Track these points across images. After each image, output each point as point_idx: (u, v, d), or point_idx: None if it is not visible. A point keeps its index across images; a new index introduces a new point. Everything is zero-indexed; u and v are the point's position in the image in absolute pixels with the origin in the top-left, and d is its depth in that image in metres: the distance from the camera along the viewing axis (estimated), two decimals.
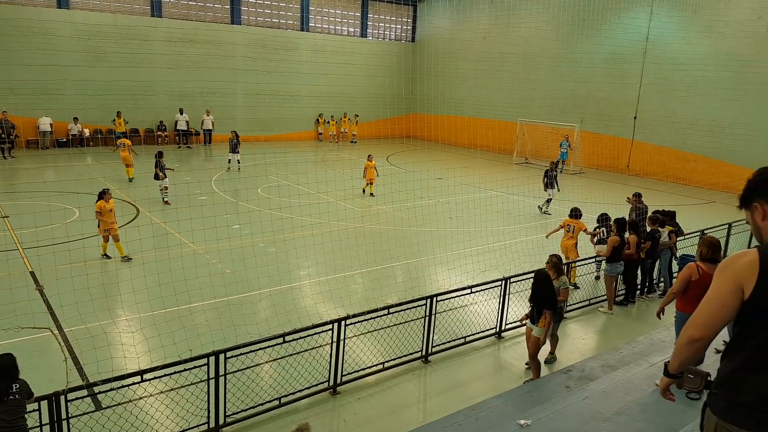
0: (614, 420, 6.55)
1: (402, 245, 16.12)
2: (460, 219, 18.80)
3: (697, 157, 28.18)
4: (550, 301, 8.68)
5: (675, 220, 14.10)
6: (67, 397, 6.38)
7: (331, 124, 40.55)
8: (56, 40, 29.92)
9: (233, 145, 26.51)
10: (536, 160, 33.11)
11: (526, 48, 35.88)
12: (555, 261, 9.51)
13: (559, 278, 9.37)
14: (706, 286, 4.91)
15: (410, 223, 18.61)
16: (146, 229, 15.22)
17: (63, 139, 31.17)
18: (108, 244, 13.88)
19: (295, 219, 17.67)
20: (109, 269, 13.44)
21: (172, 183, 19.83)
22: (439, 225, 18.19)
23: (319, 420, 8.01)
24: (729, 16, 26.37)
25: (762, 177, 2.91)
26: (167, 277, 11.53)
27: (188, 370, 7.18)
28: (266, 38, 37.53)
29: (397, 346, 9.57)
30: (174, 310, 10.87)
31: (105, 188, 14.11)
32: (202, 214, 14.48)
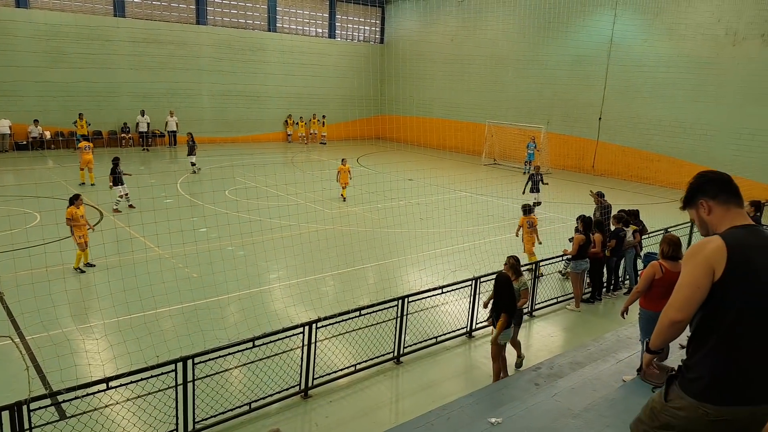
0: (583, 416, 6.59)
1: (373, 247, 16.08)
2: (431, 220, 18.83)
3: (660, 157, 28.71)
4: (506, 304, 8.61)
5: (638, 218, 14.31)
6: (29, 406, 6.19)
7: (300, 125, 40.33)
8: (15, 41, 29.22)
9: (190, 148, 26.21)
10: (505, 161, 33.40)
11: (494, 50, 36.17)
12: (512, 262, 9.43)
13: (518, 279, 9.29)
14: (669, 284, 4.97)
15: (381, 225, 18.58)
16: (110, 233, 14.94)
17: (23, 142, 30.48)
18: (81, 254, 13.46)
19: (264, 221, 17.50)
20: (72, 275, 13.14)
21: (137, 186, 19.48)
22: (410, 226, 18.19)
23: (291, 424, 7.92)
24: (689, 19, 26.94)
25: (705, 178, 3.37)
26: (132, 282, 11.30)
27: (155, 376, 7.04)
28: (233, 39, 37.17)
29: (369, 347, 9.52)
30: (140, 316, 10.66)
31: (76, 193, 13.76)
32: (167, 217, 14.25)
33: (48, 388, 8.05)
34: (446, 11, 39.21)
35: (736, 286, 3.05)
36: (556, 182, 27.53)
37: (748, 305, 3.06)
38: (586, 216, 12.70)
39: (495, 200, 21.92)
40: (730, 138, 26.20)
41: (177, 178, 24.82)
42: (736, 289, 3.06)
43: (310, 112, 40.83)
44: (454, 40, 38.80)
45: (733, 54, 25.77)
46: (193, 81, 35.63)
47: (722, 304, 3.11)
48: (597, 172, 31.12)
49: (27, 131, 30.53)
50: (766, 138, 25.08)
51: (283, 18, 39.86)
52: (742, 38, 25.48)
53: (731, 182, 3.34)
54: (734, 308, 3.08)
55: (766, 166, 24.94)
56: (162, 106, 34.34)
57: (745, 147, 25.71)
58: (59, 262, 12.68)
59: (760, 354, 3.12)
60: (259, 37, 38.49)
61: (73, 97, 31.08)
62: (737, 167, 25.66)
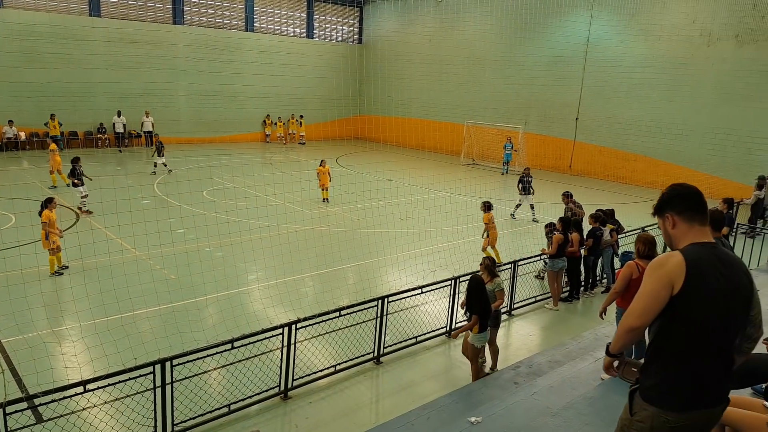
0: (562, 414, 6.64)
1: (352, 247, 16.07)
2: (410, 220, 18.87)
3: (637, 156, 29.05)
4: (478, 306, 8.51)
5: (614, 218, 14.46)
6: (5, 410, 6.11)
7: (278, 125, 40.18)
8: None
9: (158, 149, 26.02)
10: (483, 162, 33.57)
11: (471, 51, 36.35)
12: (487, 263, 9.34)
13: (492, 281, 9.19)
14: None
15: (360, 225, 18.58)
16: (86, 234, 14.74)
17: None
18: (54, 258, 13.27)
19: (242, 222, 17.42)
20: (47, 277, 12.96)
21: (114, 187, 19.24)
22: (390, 226, 18.21)
23: (271, 426, 7.89)
24: (665, 20, 27.30)
25: (674, 192, 3.54)
26: (109, 284, 11.17)
27: (133, 379, 6.97)
28: (210, 39, 36.93)
29: (349, 348, 9.52)
30: (117, 318, 10.55)
31: (50, 197, 13.55)
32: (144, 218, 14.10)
33: (24, 392, 7.93)
34: (424, 11, 39.33)
35: (693, 300, 3.27)
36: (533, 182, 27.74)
37: (702, 318, 3.30)
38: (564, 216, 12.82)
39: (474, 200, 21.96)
40: (705, 137, 26.59)
41: (154, 179, 24.60)
42: (692, 302, 3.28)
43: (288, 113, 40.70)
44: (432, 40, 38.93)
45: (708, 54, 26.17)
46: (170, 81, 35.34)
47: (679, 315, 3.31)
48: (574, 172, 31.40)
49: (1, 132, 30.07)
50: (740, 137, 25.51)
51: (260, 18, 39.69)
52: (716, 39, 25.88)
53: (700, 200, 3.50)
54: (690, 320, 3.31)
55: (740, 165, 25.35)
56: (139, 107, 33.99)
57: (719, 146, 26.12)
58: (34, 265, 12.50)
59: (712, 361, 3.37)
60: (236, 37, 38.29)
61: (48, 98, 30.70)
62: (712, 166, 26.10)
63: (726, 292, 3.31)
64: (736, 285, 3.36)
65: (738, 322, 3.41)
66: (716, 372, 3.41)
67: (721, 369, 3.43)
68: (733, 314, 3.35)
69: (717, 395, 3.47)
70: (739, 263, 3.45)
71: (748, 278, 3.43)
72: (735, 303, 3.35)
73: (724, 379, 3.46)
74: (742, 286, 3.39)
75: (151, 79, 34.66)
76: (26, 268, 12.33)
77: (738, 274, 3.39)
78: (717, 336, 3.35)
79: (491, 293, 9.01)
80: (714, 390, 3.44)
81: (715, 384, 3.43)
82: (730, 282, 3.33)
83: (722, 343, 3.38)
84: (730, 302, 3.33)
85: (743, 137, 25.42)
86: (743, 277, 3.41)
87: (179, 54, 35.64)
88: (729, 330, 3.38)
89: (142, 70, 34.29)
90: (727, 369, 3.44)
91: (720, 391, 3.48)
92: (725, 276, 3.32)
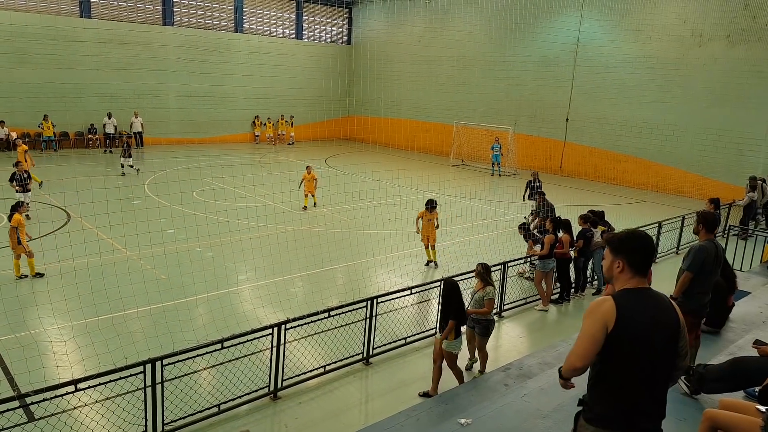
0: (552, 417, 6.71)
1: (342, 247, 16.11)
2: (400, 221, 18.91)
3: (628, 157, 29.18)
4: (455, 311, 8.38)
5: (604, 219, 14.54)
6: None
7: (267, 126, 40.16)
8: None
9: (125, 150, 25.98)
10: (473, 162, 33.65)
11: (461, 51, 36.42)
12: (480, 270, 9.14)
13: (484, 288, 9.01)
14: None
15: (350, 226, 18.62)
16: (77, 234, 14.70)
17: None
18: (19, 261, 13.06)
19: (232, 222, 17.43)
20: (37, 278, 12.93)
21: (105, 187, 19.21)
22: (379, 227, 18.25)
23: (260, 426, 7.93)
24: (655, 20, 27.43)
25: (637, 245, 3.92)
26: (100, 283, 11.18)
27: (124, 378, 7.00)
28: (199, 39, 36.86)
29: (338, 348, 9.57)
30: (107, 318, 10.56)
31: (20, 200, 13.49)
32: (135, 218, 14.11)
33: (16, 390, 7.95)
34: (413, 12, 39.38)
35: (624, 337, 3.74)
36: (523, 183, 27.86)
37: (632, 351, 3.77)
38: (555, 216, 12.91)
39: (463, 201, 22.10)
40: (697, 138, 26.71)
41: (145, 179, 24.55)
42: (623, 339, 3.75)
43: (277, 113, 40.67)
44: (422, 41, 38.98)
45: (699, 55, 26.29)
46: (159, 82, 35.30)
47: (613, 351, 3.78)
48: (564, 173, 31.52)
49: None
50: (731, 138, 25.64)
51: (249, 19, 39.65)
52: (707, 39, 26.02)
53: (651, 256, 4.01)
54: (621, 354, 3.78)
55: (731, 166, 25.52)
56: (129, 107, 33.90)
57: (711, 147, 26.24)
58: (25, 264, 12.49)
59: (644, 390, 3.84)
60: (225, 38, 38.24)
61: (39, 98, 30.67)
62: (703, 167, 26.27)
63: (653, 328, 3.79)
64: (663, 321, 3.84)
65: (667, 353, 3.86)
66: (647, 400, 3.88)
67: (652, 397, 3.89)
68: (661, 347, 3.82)
69: (650, 421, 3.94)
70: (666, 302, 3.93)
71: (675, 314, 3.90)
72: (662, 337, 3.82)
73: (655, 406, 3.92)
74: (669, 321, 3.86)
75: (142, 80, 34.56)
76: None
77: (665, 311, 3.88)
78: (646, 367, 3.81)
79: (480, 301, 8.95)
80: (646, 415, 3.91)
81: (647, 410, 3.90)
82: (657, 319, 3.82)
83: (651, 373, 3.84)
84: (657, 336, 3.81)
85: (735, 138, 25.56)
86: (670, 314, 3.88)
87: (169, 55, 35.57)
88: (657, 362, 3.84)
89: (132, 70, 34.20)
90: (658, 397, 3.92)
91: (653, 416, 3.94)
92: (652, 315, 3.82)
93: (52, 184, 21.89)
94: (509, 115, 33.58)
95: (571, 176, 30.98)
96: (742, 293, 11.52)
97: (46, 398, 6.53)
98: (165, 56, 35.43)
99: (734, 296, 9.84)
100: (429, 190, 23.33)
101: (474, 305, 9.09)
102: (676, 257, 16.56)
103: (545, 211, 14.94)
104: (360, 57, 42.54)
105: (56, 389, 6.57)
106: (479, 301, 8.97)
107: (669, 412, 6.02)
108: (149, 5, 35.10)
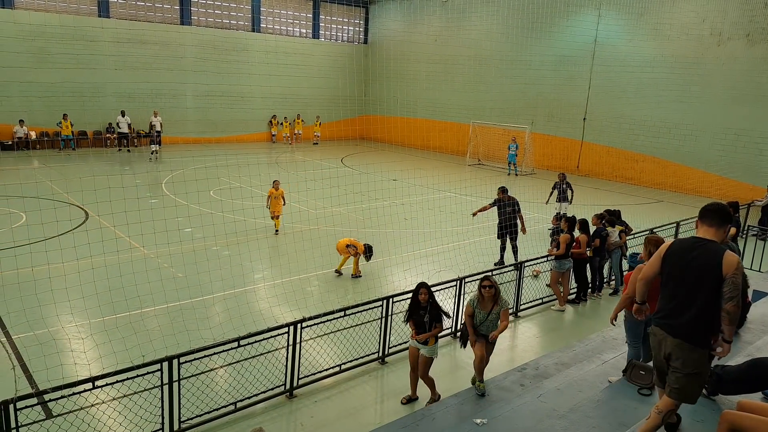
0: (568, 417, 6.66)
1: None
2: (415, 220, 18.92)
3: (645, 157, 28.96)
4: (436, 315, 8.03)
5: (620, 218, 14.41)
6: (16, 405, 6.18)
7: (284, 125, 40.30)
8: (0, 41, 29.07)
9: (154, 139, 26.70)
10: (489, 162, 33.55)
11: (478, 50, 36.30)
12: (498, 288, 8.05)
13: (498, 303, 7.98)
14: (655, 286, 5.32)
15: (365, 225, 18.62)
16: (95, 233, 14.85)
17: (8, 142, 30.30)
18: None
19: (248, 221, 17.50)
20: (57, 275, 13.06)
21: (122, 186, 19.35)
22: (395, 226, 18.25)
23: (276, 424, 7.95)
24: (674, 19, 27.19)
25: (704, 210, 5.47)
26: (117, 282, 11.27)
27: (141, 376, 7.04)
28: (216, 39, 37.07)
29: (354, 347, 9.56)
30: (125, 316, 10.65)
31: None
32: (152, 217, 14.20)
33: (34, 387, 8.04)
34: (430, 11, 39.31)
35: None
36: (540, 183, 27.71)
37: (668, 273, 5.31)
38: (569, 216, 12.81)
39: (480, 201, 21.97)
40: (716, 138, 26.45)
41: (162, 178, 24.73)
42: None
43: (294, 113, 40.78)
44: (438, 40, 38.91)
45: (718, 54, 26.02)
46: (177, 81, 35.56)
47: None
48: (581, 173, 31.33)
49: (12, 131, 30.36)
50: (750, 138, 25.38)
51: (266, 18, 39.80)
52: (727, 38, 25.74)
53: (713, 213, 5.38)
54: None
55: (751, 166, 25.26)
56: (146, 107, 34.17)
57: (730, 147, 25.98)
58: (45, 262, 12.62)
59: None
60: (242, 38, 38.41)
61: (57, 98, 31.01)
62: (722, 167, 25.99)
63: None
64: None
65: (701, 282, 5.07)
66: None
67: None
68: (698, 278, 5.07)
69: None
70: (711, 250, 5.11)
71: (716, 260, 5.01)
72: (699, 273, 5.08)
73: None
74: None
75: (159, 80, 34.86)
76: (37, 265, 12.46)
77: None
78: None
79: (495, 316, 8.00)
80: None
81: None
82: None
83: None
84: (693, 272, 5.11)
85: (755, 138, 25.29)
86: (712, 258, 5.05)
87: (187, 54, 35.83)
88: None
89: (149, 70, 34.49)
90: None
91: None
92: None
93: (70, 183, 22.10)
94: (526, 115, 33.43)
95: (588, 176, 30.78)
96: (760, 294, 11.40)
97: (64, 395, 6.58)
98: (182, 56, 35.69)
99: (751, 296, 9.75)
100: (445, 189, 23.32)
101: (487, 326, 8.09)
102: None
103: (502, 206, 14.87)
104: (376, 56, 42.59)
105: (74, 386, 6.62)
106: (494, 320, 8.02)
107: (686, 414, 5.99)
108: (167, 5, 35.35)
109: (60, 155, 29.99)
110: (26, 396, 6.36)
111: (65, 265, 13.23)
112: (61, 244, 13.52)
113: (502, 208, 14.93)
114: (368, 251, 13.85)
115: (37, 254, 12.91)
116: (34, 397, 6.46)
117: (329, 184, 21.91)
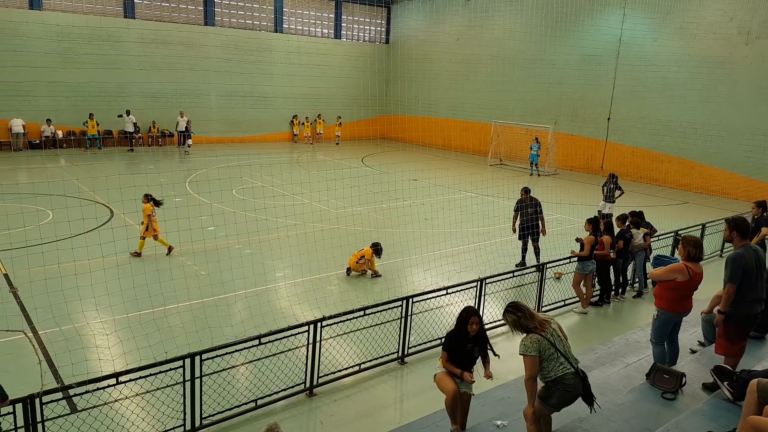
0: (590, 420, 6.61)
1: None
2: (436, 220, 18.89)
3: (671, 158, 28.60)
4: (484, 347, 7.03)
5: (644, 219, 14.23)
6: (42, 399, 6.27)
7: (306, 125, 40.48)
8: (28, 42, 29.66)
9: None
10: (511, 162, 33.38)
11: (500, 50, 36.12)
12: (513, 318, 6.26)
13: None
14: (693, 286, 5.29)
15: (386, 225, 18.64)
16: (120, 231, 15.05)
17: (36, 141, 30.89)
18: None
19: (270, 220, 17.61)
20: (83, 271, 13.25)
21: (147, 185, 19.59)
22: (415, 226, 18.24)
23: (296, 422, 7.99)
24: (700, 18, 26.78)
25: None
26: (142, 279, 11.42)
27: (164, 372, 7.11)
28: (240, 39, 37.37)
29: (374, 347, 9.57)
30: (149, 313, 10.76)
31: None
32: (176, 215, 14.36)
33: (60, 382, 8.19)
34: (452, 11, 39.24)
35: None
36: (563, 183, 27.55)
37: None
38: (593, 217, 12.70)
39: (501, 201, 21.92)
40: (743, 139, 26.00)
41: (186, 177, 24.97)
42: None
43: (315, 113, 40.96)
44: (460, 39, 38.80)
45: (746, 53, 25.57)
46: (201, 81, 35.94)
47: None
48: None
49: (40, 130, 31.01)
50: None
51: (289, 19, 40.04)
52: (755, 37, 25.29)
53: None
54: None
55: None
56: (171, 107, 34.59)
57: (758, 148, 25.52)
58: (71, 259, 12.81)
59: None
60: (265, 38, 38.67)
61: (84, 97, 31.56)
62: (750, 168, 25.57)
63: None
64: None
65: None
66: None
67: None
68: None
69: None
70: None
71: None
72: None
73: None
74: None
75: (183, 80, 35.26)
76: (63, 262, 12.66)
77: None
78: None
79: None
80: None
81: None
82: None
83: None
84: None
85: None
86: None
87: (210, 55, 36.18)
88: None
89: (174, 70, 34.87)
90: None
91: None
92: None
93: (96, 182, 22.40)
94: (549, 114, 33.21)
95: None
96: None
97: (89, 390, 6.67)
98: (206, 56, 36.04)
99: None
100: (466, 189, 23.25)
101: None
102: (719, 260, 16.18)
103: (525, 206, 14.72)
104: (398, 56, 42.59)
105: (98, 382, 6.70)
106: None
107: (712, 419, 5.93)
108: (191, 6, 35.73)
109: (86, 154, 30.42)
110: (52, 390, 6.45)
111: (91, 262, 13.45)
112: (86, 242, 13.74)
113: (524, 209, 14.82)
114: (376, 250, 13.91)
115: (64, 251, 13.13)
116: (60, 392, 6.56)
117: (350, 183, 21.92)
